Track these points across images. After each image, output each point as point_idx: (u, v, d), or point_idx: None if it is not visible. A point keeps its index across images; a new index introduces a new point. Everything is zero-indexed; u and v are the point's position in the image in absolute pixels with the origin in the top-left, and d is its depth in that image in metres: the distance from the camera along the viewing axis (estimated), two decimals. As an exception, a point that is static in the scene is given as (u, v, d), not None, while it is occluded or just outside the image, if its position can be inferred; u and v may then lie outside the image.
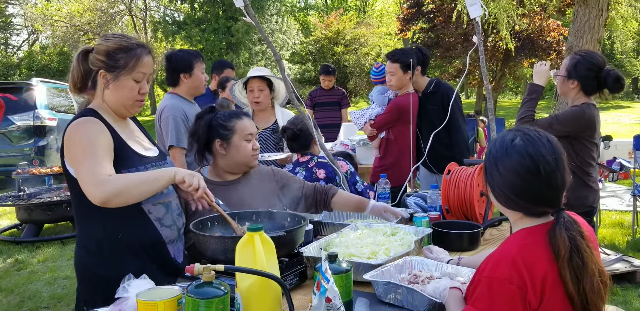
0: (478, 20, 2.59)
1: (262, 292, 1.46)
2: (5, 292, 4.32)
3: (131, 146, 1.96)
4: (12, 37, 28.92)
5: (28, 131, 8.47)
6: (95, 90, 1.95)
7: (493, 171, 1.44)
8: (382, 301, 1.72)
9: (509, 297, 1.30)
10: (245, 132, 2.43)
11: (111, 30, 27.22)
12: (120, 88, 1.92)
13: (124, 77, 1.90)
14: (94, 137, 1.82)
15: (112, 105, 1.96)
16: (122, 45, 1.90)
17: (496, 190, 1.45)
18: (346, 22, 25.37)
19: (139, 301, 1.35)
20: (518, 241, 1.40)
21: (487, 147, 1.53)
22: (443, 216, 2.60)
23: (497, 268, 1.33)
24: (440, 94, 3.89)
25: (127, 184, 1.74)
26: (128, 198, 1.76)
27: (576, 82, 2.89)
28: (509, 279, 1.30)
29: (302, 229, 1.90)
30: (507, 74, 20.28)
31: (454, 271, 1.81)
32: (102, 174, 1.73)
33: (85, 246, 1.96)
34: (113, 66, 1.89)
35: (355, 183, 3.23)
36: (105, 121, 1.91)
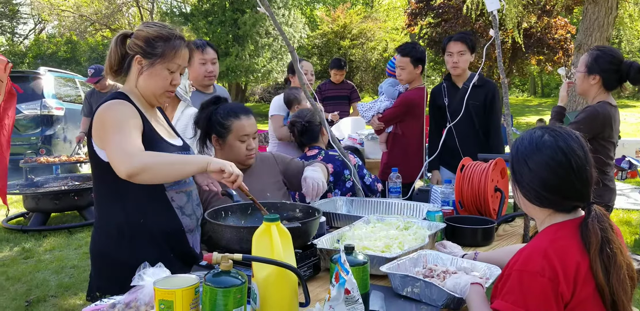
0: (495, 13, 2.56)
1: (279, 282, 1.45)
2: (13, 280, 4.33)
3: (159, 132, 1.96)
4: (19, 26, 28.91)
5: (35, 120, 8.48)
6: (129, 74, 1.96)
7: (522, 168, 1.43)
8: (397, 295, 1.71)
9: (541, 290, 1.29)
10: (241, 133, 2.42)
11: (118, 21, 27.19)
12: (153, 76, 1.92)
13: (159, 65, 1.91)
14: (125, 117, 1.82)
15: (143, 92, 1.96)
16: (162, 34, 1.91)
17: (525, 187, 1.44)
18: (353, 16, 25.26)
19: (157, 289, 1.35)
20: (549, 235, 1.39)
21: (512, 145, 1.52)
22: (456, 211, 2.58)
23: (528, 262, 1.32)
24: (486, 89, 3.67)
25: (157, 162, 1.71)
26: (155, 175, 1.72)
27: (597, 77, 2.86)
28: (540, 272, 1.29)
29: (317, 221, 1.89)
30: (514, 71, 20.19)
31: (469, 266, 1.80)
32: (133, 147, 1.71)
33: (104, 231, 1.96)
34: (150, 53, 1.90)
35: (363, 176, 3.21)
36: (135, 105, 1.91)
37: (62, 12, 27.48)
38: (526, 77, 27.62)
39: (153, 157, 1.72)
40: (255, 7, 2.73)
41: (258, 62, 20.61)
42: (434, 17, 18.58)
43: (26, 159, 6.11)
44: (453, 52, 3.67)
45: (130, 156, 1.69)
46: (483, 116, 3.65)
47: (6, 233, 5.74)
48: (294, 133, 3.30)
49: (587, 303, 1.31)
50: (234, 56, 19.91)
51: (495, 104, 3.65)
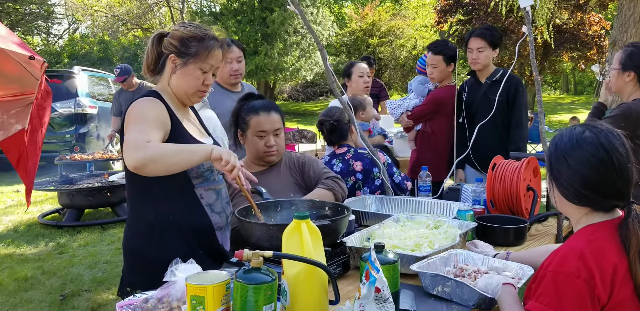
0: (528, 9, 2.51)
1: (309, 280, 1.45)
2: (48, 275, 4.44)
3: (189, 131, 1.98)
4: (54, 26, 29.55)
5: (69, 118, 8.68)
6: (163, 73, 1.99)
7: (561, 165, 1.40)
8: (427, 294, 1.70)
9: (576, 292, 1.26)
10: (257, 128, 2.44)
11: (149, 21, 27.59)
12: (186, 75, 1.95)
13: (192, 65, 1.93)
14: (147, 112, 1.85)
15: (176, 90, 1.99)
16: (197, 34, 1.94)
17: (563, 184, 1.41)
18: (382, 13, 25.13)
19: (189, 284, 1.36)
20: (585, 235, 1.36)
21: (551, 142, 1.49)
22: (487, 211, 2.55)
23: (563, 263, 1.30)
24: (509, 85, 3.57)
25: (163, 152, 1.70)
26: (162, 165, 1.70)
27: (633, 74, 2.79)
28: (576, 273, 1.26)
29: (347, 218, 1.89)
30: (546, 68, 19.82)
31: (501, 266, 1.77)
32: (142, 139, 1.71)
33: (136, 228, 2.00)
34: (184, 52, 1.93)
35: (393, 174, 3.19)
36: (167, 104, 1.94)
37: (95, 12, 28.03)
38: (558, 75, 27.11)
39: (158, 149, 1.70)
40: (284, 6, 2.73)
41: (287, 60, 20.67)
42: (463, 14, 18.35)
43: (61, 157, 6.25)
44: (472, 48, 3.65)
45: (135, 149, 1.69)
46: (505, 112, 3.58)
47: (42, 229, 5.90)
48: (323, 132, 3.30)
49: (625, 305, 1.28)
50: (262, 55, 20.01)
51: (517, 99, 3.58)
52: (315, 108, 25.20)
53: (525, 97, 3.62)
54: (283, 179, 2.53)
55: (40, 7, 25.46)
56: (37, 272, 4.49)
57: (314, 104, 26.66)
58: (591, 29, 17.51)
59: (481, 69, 3.69)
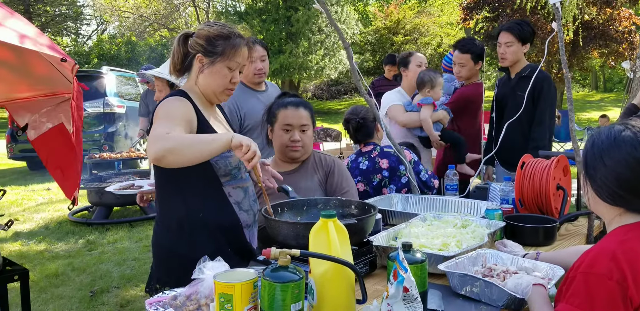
0: (558, 6, 2.46)
1: (336, 279, 1.45)
2: (78, 271, 4.52)
3: (215, 128, 2.00)
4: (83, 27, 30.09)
5: (98, 118, 8.83)
6: (190, 73, 2.01)
7: (597, 163, 1.37)
8: (455, 294, 1.68)
9: (607, 293, 1.23)
10: (284, 122, 2.45)
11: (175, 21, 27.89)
12: (213, 74, 1.96)
13: (219, 63, 1.95)
14: (175, 109, 1.87)
15: (203, 90, 2.00)
16: (223, 33, 1.95)
17: (598, 183, 1.37)
18: (406, 11, 24.98)
19: (217, 282, 1.37)
20: (618, 236, 1.33)
21: (588, 140, 1.46)
22: (516, 210, 2.51)
23: (595, 264, 1.27)
24: (536, 81, 3.38)
25: (182, 143, 1.68)
26: (182, 156, 1.68)
27: None
28: (608, 274, 1.24)
29: (373, 217, 1.88)
30: (575, 65, 19.48)
31: (531, 266, 1.75)
32: (163, 132, 1.70)
33: (165, 225, 2.02)
34: (211, 51, 1.94)
35: (419, 172, 3.17)
36: (194, 103, 1.96)
37: (123, 13, 28.45)
38: (587, 72, 26.62)
39: (177, 139, 1.69)
40: (309, 4, 2.72)
41: (311, 59, 20.69)
42: (489, 11, 18.13)
43: (90, 156, 6.37)
44: (501, 42, 3.57)
45: (155, 141, 1.68)
46: (530, 108, 3.47)
47: (72, 226, 6.01)
48: (349, 130, 3.29)
49: None
50: (287, 54, 20.07)
51: (541, 96, 3.46)
52: (339, 107, 25.18)
53: (551, 94, 3.51)
54: (309, 180, 2.53)
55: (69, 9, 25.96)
56: (67, 269, 4.58)
57: (338, 103, 26.64)
58: (621, 24, 17.17)
59: (509, 64, 3.60)
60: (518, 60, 3.58)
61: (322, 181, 2.56)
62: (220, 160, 1.96)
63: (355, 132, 3.26)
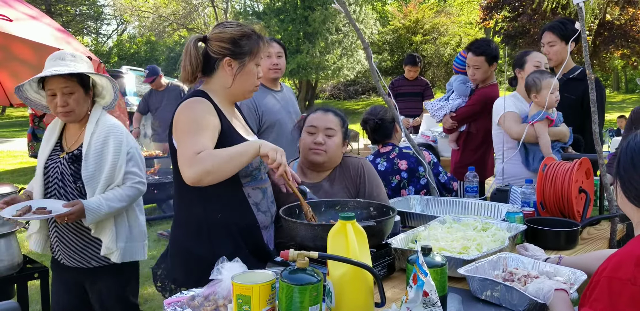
0: (582, 6, 2.42)
1: (354, 281, 1.44)
2: (96, 268, 4.55)
3: (237, 129, 2.00)
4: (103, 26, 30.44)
5: (118, 117, 8.90)
6: (213, 77, 1.99)
7: (627, 165, 1.35)
8: (475, 298, 1.66)
9: (632, 299, 1.20)
10: (309, 124, 2.44)
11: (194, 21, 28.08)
12: (247, 75, 1.98)
13: (250, 63, 1.97)
14: (200, 115, 1.88)
15: (235, 91, 2.01)
16: (245, 33, 1.96)
17: (627, 184, 1.35)
18: (425, 10, 24.85)
19: (235, 283, 1.37)
20: None
21: (623, 140, 1.44)
22: (537, 213, 2.48)
23: (619, 268, 1.24)
24: (586, 83, 3.11)
25: (216, 162, 1.76)
26: (219, 175, 1.78)
27: None
28: (632, 280, 1.21)
29: (392, 219, 1.86)
30: (596, 65, 19.22)
31: (552, 270, 1.72)
32: (193, 152, 1.76)
33: (184, 226, 2.03)
34: (240, 53, 1.95)
35: (438, 173, 3.14)
36: (215, 103, 1.96)
37: (142, 13, 28.72)
38: (609, 72, 26.24)
39: (210, 159, 1.76)
40: (326, 4, 2.71)
41: (328, 59, 20.69)
42: (509, 11, 17.96)
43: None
44: (544, 43, 3.48)
45: (190, 165, 1.76)
46: (579, 111, 3.36)
47: (91, 224, 6.06)
48: (366, 130, 3.28)
49: None
50: (304, 53, 20.09)
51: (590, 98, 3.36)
52: (357, 107, 25.13)
53: (603, 100, 3.34)
54: (338, 185, 2.44)
55: (90, 8, 26.27)
56: (86, 266, 4.61)
57: (355, 103, 26.60)
58: (644, 24, 16.90)
59: (554, 65, 3.47)
60: (563, 60, 3.43)
61: (352, 189, 2.43)
62: None
63: (373, 133, 3.23)
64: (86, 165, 2.28)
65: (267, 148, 1.81)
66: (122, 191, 2.34)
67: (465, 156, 3.98)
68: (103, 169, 2.29)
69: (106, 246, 2.32)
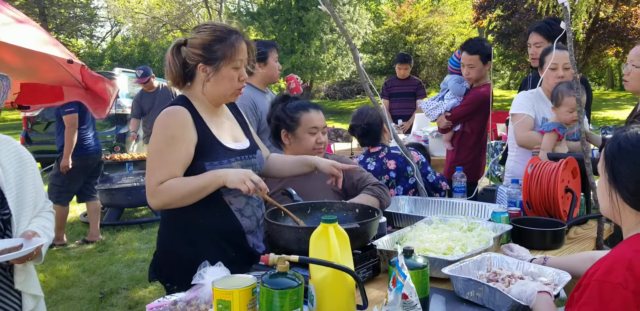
0: (567, 5, 2.42)
1: (336, 284, 1.43)
2: (88, 272, 4.55)
3: (218, 137, 1.96)
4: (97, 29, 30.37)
5: (110, 119, 8.88)
6: (193, 82, 1.97)
7: (621, 166, 1.32)
8: (459, 298, 1.66)
9: (622, 303, 1.19)
10: (310, 125, 2.42)
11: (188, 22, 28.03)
12: (221, 80, 1.92)
13: (224, 68, 1.91)
14: (171, 134, 1.87)
15: (212, 96, 1.97)
16: (217, 36, 1.89)
17: (630, 190, 1.32)
18: (419, 10, 24.84)
19: (215, 288, 1.36)
20: (635, 244, 1.28)
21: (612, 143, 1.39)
22: (524, 213, 2.48)
23: (610, 272, 1.23)
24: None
25: (174, 197, 1.85)
26: (179, 205, 1.88)
27: None
28: (623, 284, 1.19)
29: (376, 221, 1.86)
30: (590, 63, 19.25)
31: (536, 271, 1.72)
32: (156, 182, 1.84)
33: (169, 228, 2.04)
34: (211, 58, 1.89)
35: (427, 173, 3.15)
36: (195, 110, 1.93)
37: (136, 15, 28.66)
38: (603, 70, 26.29)
39: (169, 193, 1.84)
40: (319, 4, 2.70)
41: (324, 58, 20.67)
42: (503, 10, 17.96)
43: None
44: (530, 43, 3.49)
45: (152, 194, 1.86)
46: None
47: (83, 227, 6.06)
48: (355, 136, 3.28)
49: None
50: (299, 53, 20.07)
51: None
52: (352, 107, 25.10)
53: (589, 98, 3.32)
54: (321, 182, 2.49)
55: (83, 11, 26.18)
56: (78, 270, 4.61)
57: (351, 103, 26.54)
58: (637, 22, 16.91)
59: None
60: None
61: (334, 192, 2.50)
62: None
63: (362, 138, 3.23)
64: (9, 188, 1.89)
65: (234, 183, 1.81)
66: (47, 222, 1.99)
67: (461, 155, 3.99)
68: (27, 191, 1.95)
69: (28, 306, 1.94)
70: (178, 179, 1.86)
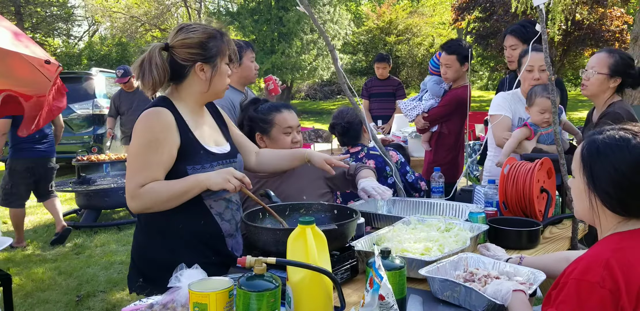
0: (542, 8, 2.46)
1: (313, 286, 1.43)
2: (65, 275, 4.48)
3: (200, 141, 1.94)
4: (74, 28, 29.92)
5: (87, 119, 8.77)
6: (183, 83, 1.94)
7: (602, 171, 1.33)
8: (436, 299, 1.67)
9: (599, 302, 1.21)
10: (284, 125, 2.44)
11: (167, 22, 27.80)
12: (221, 75, 1.96)
13: (221, 64, 1.94)
14: (154, 136, 1.84)
15: (212, 94, 1.98)
16: (211, 34, 1.91)
17: (611, 194, 1.33)
18: (399, 11, 24.97)
19: (191, 291, 1.36)
20: (612, 244, 1.31)
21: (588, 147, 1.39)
22: (500, 213, 2.50)
23: (588, 271, 1.25)
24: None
25: (155, 201, 1.83)
26: (161, 209, 1.86)
27: (620, 79, 2.76)
28: (601, 283, 1.21)
29: (354, 222, 1.86)
30: (566, 64, 19.53)
31: (512, 270, 1.74)
32: (136, 185, 1.81)
33: (146, 232, 2.01)
34: (210, 56, 1.90)
35: (406, 173, 3.17)
36: (178, 112, 1.91)
37: (114, 14, 28.32)
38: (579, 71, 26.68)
39: (149, 196, 1.82)
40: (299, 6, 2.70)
41: (305, 59, 20.66)
42: (481, 12, 18.15)
43: (78, 158, 6.31)
44: (506, 46, 3.53)
45: (132, 198, 1.83)
46: None
47: (60, 230, 5.96)
48: (335, 135, 3.29)
49: None
50: (279, 53, 20.04)
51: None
52: (332, 107, 25.13)
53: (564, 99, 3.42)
54: (300, 180, 2.51)
55: (60, 10, 25.79)
56: (54, 273, 4.54)
57: (331, 103, 26.59)
58: (613, 24, 17.22)
59: (517, 67, 3.55)
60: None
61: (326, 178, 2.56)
62: None
63: (342, 137, 3.25)
64: None
65: (219, 184, 1.81)
66: None
67: (438, 156, 4.02)
68: None
69: None
70: (160, 183, 1.84)
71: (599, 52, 2.85)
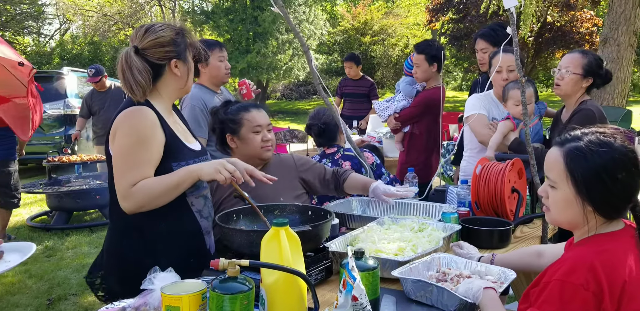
0: (513, 10, 2.50)
1: (287, 288, 1.44)
2: (35, 278, 4.40)
3: (181, 139, 1.97)
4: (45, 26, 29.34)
5: (59, 120, 8.60)
6: (159, 82, 1.94)
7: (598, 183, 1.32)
8: (409, 299, 1.69)
9: (582, 304, 1.23)
10: (253, 124, 2.44)
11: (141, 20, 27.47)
12: (192, 69, 1.99)
13: (189, 57, 1.97)
14: (143, 133, 1.83)
15: (187, 88, 2.01)
16: (177, 30, 1.93)
17: (597, 201, 1.33)
18: (374, 12, 25.10)
19: (164, 294, 1.35)
20: (594, 247, 1.33)
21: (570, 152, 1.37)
22: (472, 213, 2.54)
23: (572, 273, 1.27)
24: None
25: (148, 198, 1.80)
26: (154, 206, 1.83)
27: (592, 80, 2.83)
28: (584, 285, 1.24)
29: (329, 224, 1.87)
30: (538, 65, 19.87)
31: (484, 270, 1.77)
32: (128, 184, 1.79)
33: (120, 231, 1.97)
34: (182, 51, 1.94)
35: (381, 174, 3.19)
36: (156, 110, 1.91)
37: (86, 12, 27.87)
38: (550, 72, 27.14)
39: (142, 194, 1.79)
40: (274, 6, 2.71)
41: (281, 59, 20.63)
42: (455, 13, 18.36)
43: (49, 159, 6.19)
44: (477, 49, 3.59)
45: (124, 198, 1.81)
46: None
47: (30, 231, 5.85)
48: (311, 135, 3.29)
49: None
50: (254, 53, 19.96)
51: None
52: (308, 107, 25.15)
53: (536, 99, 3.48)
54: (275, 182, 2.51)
55: (30, 7, 25.26)
56: (24, 276, 4.45)
57: (307, 103, 26.60)
58: (583, 26, 17.57)
59: (487, 70, 3.60)
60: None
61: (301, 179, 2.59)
62: None
63: (318, 138, 3.26)
64: None
65: (210, 174, 1.82)
66: None
67: (411, 157, 4.05)
68: None
69: None
70: (151, 179, 1.83)
71: (571, 53, 2.91)
